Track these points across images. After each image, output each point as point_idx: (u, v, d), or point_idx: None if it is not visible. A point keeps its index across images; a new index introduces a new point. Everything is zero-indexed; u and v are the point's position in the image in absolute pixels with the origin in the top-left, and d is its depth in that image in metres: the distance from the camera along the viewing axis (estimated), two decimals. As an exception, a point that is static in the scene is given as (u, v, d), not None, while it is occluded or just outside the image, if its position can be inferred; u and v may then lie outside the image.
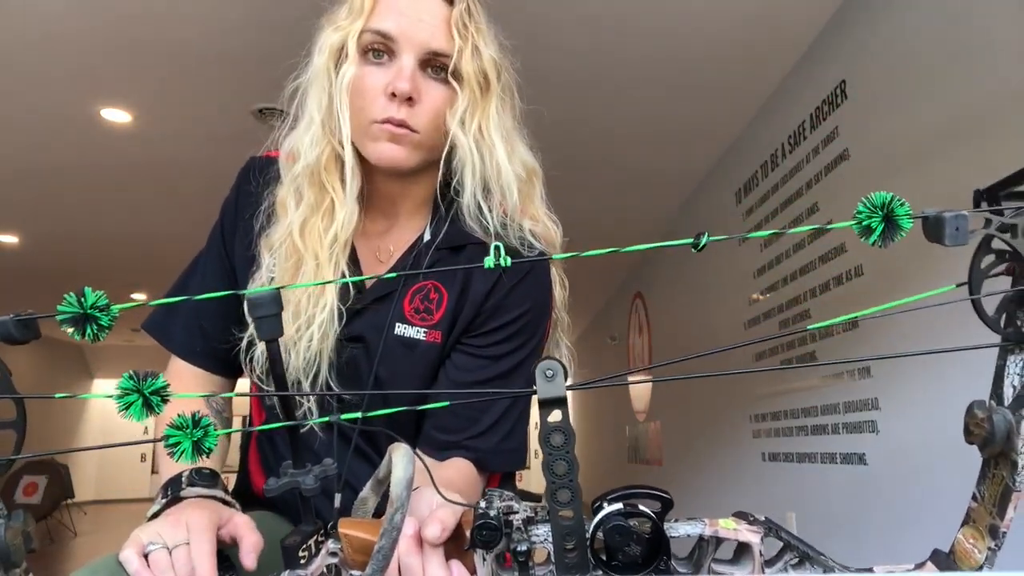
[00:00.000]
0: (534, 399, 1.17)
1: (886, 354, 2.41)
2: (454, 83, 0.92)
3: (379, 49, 0.91)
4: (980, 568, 0.48)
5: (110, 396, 0.35)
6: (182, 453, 0.38)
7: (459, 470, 0.95)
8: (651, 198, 4.56)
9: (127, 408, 0.34)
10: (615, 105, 3.42)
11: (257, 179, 1.00)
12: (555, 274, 1.04)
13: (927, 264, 2.05)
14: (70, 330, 0.37)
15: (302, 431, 0.98)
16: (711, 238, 0.47)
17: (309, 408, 0.93)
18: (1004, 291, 0.51)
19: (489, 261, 0.50)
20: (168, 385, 0.37)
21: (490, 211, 0.96)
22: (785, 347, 3.25)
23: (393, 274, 0.98)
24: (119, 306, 0.37)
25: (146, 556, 0.69)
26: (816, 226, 0.48)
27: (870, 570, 0.53)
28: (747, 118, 3.57)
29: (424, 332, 0.96)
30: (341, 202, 0.93)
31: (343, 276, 0.94)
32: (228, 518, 0.76)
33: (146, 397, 0.34)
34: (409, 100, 0.89)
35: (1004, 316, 0.53)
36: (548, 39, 2.85)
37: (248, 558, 0.71)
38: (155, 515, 0.78)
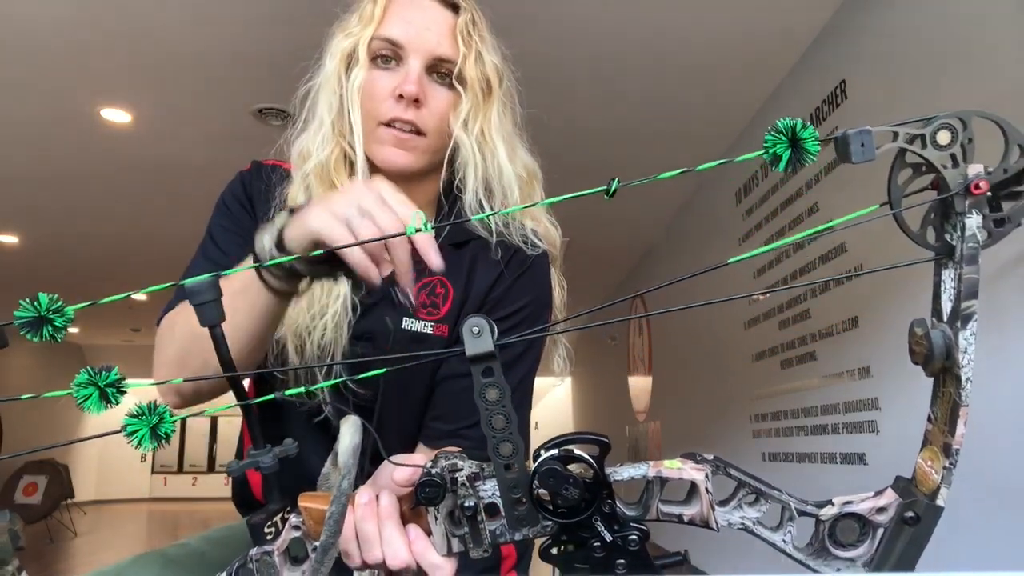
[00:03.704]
0: (534, 400, 1.15)
1: (815, 280, 2.41)
2: (458, 87, 0.96)
3: (387, 55, 0.95)
4: (938, 488, 0.49)
5: (68, 393, 0.35)
6: (141, 439, 0.38)
7: None
8: (651, 198, 4.55)
9: (85, 400, 0.34)
10: (615, 104, 3.42)
11: (266, 179, 1.01)
12: (554, 276, 1.05)
13: (927, 263, 2.04)
14: (27, 335, 0.37)
15: (316, 420, 0.98)
16: (622, 183, 0.48)
17: (324, 399, 0.93)
18: (924, 202, 0.51)
19: (419, 229, 0.51)
20: (123, 377, 0.37)
21: (492, 210, 0.98)
22: (785, 347, 3.25)
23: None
24: (73, 307, 0.37)
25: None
26: (724, 160, 0.49)
27: (829, 502, 0.53)
28: (747, 118, 3.56)
29: (431, 326, 0.98)
30: None
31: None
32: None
33: (102, 390, 0.34)
34: (416, 102, 0.93)
35: (932, 231, 0.53)
36: (547, 38, 2.85)
37: (404, 279, 0.68)
38: (281, 233, 0.70)
